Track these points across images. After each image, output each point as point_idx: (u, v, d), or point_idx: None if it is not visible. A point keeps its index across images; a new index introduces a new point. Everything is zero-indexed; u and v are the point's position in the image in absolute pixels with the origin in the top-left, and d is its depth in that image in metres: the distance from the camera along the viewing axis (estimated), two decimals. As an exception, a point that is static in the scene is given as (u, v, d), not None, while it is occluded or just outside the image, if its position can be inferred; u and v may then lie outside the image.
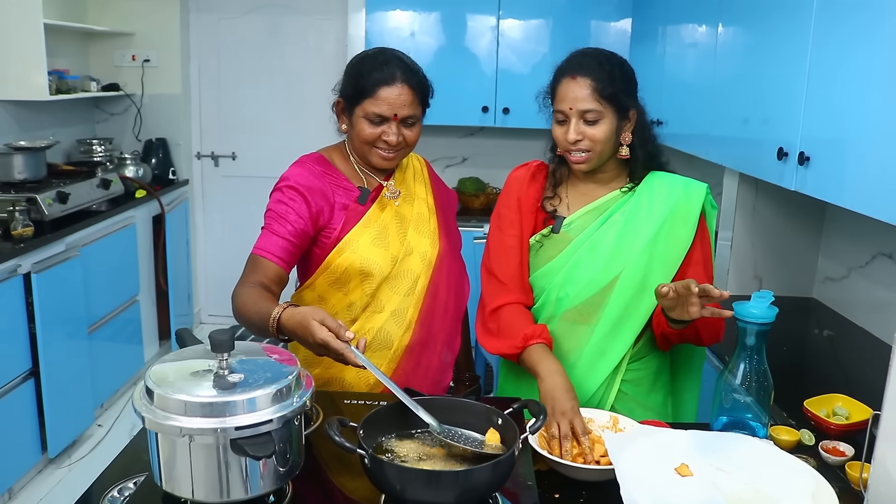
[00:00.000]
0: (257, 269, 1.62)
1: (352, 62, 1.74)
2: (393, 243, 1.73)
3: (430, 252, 1.79)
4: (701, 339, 1.65)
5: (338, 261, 1.69)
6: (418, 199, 1.82)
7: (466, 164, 4.81)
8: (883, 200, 1.65)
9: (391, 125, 1.67)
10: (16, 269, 2.91)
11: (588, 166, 1.66)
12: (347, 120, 1.73)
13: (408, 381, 1.77)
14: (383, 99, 1.65)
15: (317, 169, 1.72)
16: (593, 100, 1.59)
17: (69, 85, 4.01)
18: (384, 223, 1.73)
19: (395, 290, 1.74)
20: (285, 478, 1.17)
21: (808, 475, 1.27)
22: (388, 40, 4.28)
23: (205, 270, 5.00)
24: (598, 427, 1.53)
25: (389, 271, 1.72)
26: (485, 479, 1.15)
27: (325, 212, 1.69)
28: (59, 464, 3.27)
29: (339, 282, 1.71)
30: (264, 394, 1.09)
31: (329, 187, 1.71)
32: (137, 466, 1.34)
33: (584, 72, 1.61)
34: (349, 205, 1.71)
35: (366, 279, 1.70)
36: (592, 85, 1.60)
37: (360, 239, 1.70)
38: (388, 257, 1.72)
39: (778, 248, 2.81)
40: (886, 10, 1.65)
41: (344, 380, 1.76)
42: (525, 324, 1.67)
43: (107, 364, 3.67)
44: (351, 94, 1.69)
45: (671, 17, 3.46)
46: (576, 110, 1.61)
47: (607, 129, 1.61)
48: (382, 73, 1.66)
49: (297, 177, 1.69)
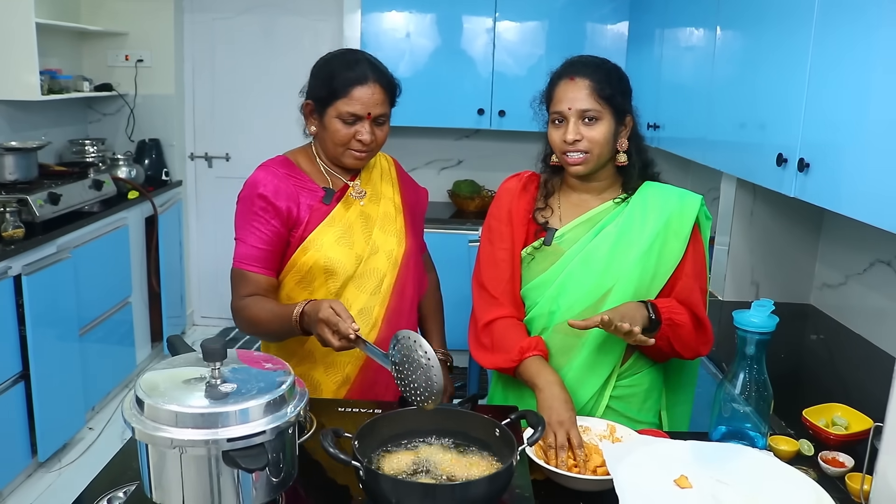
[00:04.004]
0: (248, 282, 1.70)
1: (319, 64, 1.75)
2: (357, 242, 1.74)
3: (397, 251, 1.79)
4: (680, 355, 1.65)
5: (303, 259, 1.70)
6: (385, 199, 1.83)
7: (462, 167, 4.79)
8: (882, 208, 1.64)
9: (364, 124, 1.69)
10: (6, 272, 2.88)
11: (585, 168, 1.63)
12: (318, 121, 1.73)
13: (375, 380, 1.78)
14: (357, 98, 1.67)
15: (280, 171, 1.73)
16: (592, 99, 1.59)
17: (61, 85, 3.97)
18: (349, 222, 1.74)
19: (362, 289, 1.75)
20: (278, 489, 1.15)
21: (808, 487, 1.26)
22: (383, 42, 4.26)
23: (198, 272, 4.97)
24: (596, 436, 1.52)
25: (354, 270, 1.73)
26: (481, 491, 1.13)
27: (294, 212, 1.70)
28: (48, 468, 3.24)
29: (305, 280, 1.72)
30: (257, 404, 1.07)
31: (294, 189, 1.72)
32: (127, 475, 1.32)
33: (583, 73, 1.61)
34: (314, 205, 1.72)
35: (330, 277, 1.71)
36: (591, 85, 1.60)
37: (324, 238, 1.70)
38: (352, 256, 1.72)
39: (775, 254, 2.80)
40: (886, 16, 1.64)
41: (313, 377, 1.78)
42: (520, 337, 1.66)
43: (98, 366, 3.64)
44: (322, 95, 1.70)
45: (669, 20, 3.45)
46: (575, 110, 1.60)
47: (606, 131, 1.60)
48: (355, 72, 1.68)
49: (263, 181, 1.70)
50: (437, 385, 1.28)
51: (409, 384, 1.34)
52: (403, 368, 1.35)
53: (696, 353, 1.67)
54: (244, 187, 1.73)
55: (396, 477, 1.19)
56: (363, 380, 1.78)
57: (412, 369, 1.33)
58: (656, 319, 1.54)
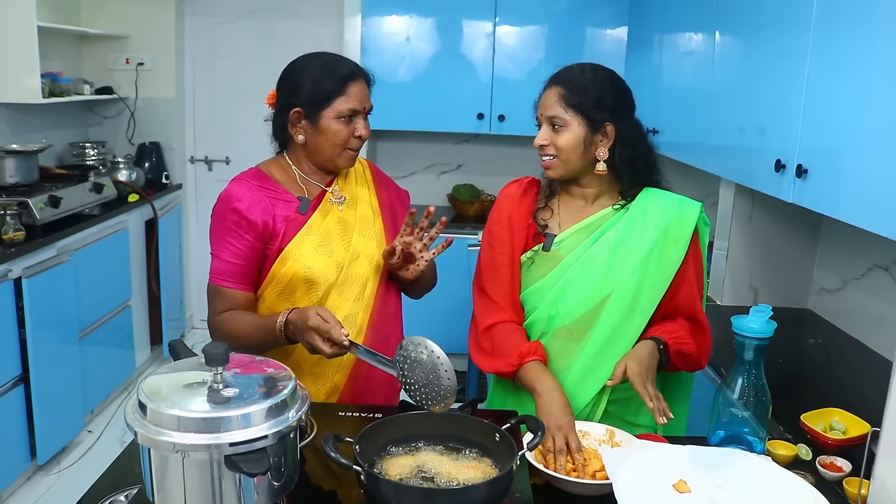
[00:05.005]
0: (223, 298, 1.69)
1: (297, 70, 1.72)
2: (337, 250, 1.72)
3: (377, 254, 1.77)
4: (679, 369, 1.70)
5: (282, 270, 1.68)
6: (361, 202, 1.81)
7: (461, 171, 4.80)
8: (880, 214, 1.65)
9: (360, 119, 1.70)
10: (6, 274, 2.88)
11: (554, 173, 1.67)
12: (308, 128, 1.70)
13: (365, 387, 1.77)
14: (354, 94, 1.68)
15: (253, 184, 1.71)
16: (559, 107, 1.63)
17: (62, 88, 3.98)
18: (326, 230, 1.72)
19: (345, 297, 1.73)
20: (280, 493, 1.15)
21: (806, 492, 1.26)
22: (383, 46, 4.27)
23: (197, 275, 4.97)
24: (595, 440, 1.52)
25: (336, 278, 1.71)
26: (481, 496, 1.14)
27: (269, 225, 1.68)
28: (48, 471, 3.24)
29: (286, 292, 1.70)
30: (259, 409, 1.08)
31: (268, 200, 1.69)
32: (129, 478, 1.32)
33: (558, 81, 1.66)
34: (289, 215, 1.70)
35: (311, 287, 1.69)
36: (560, 93, 1.64)
37: (303, 247, 1.68)
38: (331, 264, 1.70)
39: (774, 259, 2.80)
40: (885, 22, 1.65)
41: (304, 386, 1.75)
42: (520, 341, 1.66)
43: (98, 369, 3.64)
44: (315, 98, 1.67)
45: (668, 24, 3.46)
46: (545, 116, 1.65)
47: (571, 139, 1.62)
48: (344, 69, 1.69)
49: (236, 195, 1.68)
50: (450, 385, 1.28)
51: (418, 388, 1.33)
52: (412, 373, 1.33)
53: (698, 368, 1.73)
54: (217, 201, 1.70)
55: (397, 481, 1.20)
56: (352, 388, 1.77)
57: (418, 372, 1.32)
58: (665, 361, 1.61)
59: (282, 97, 1.73)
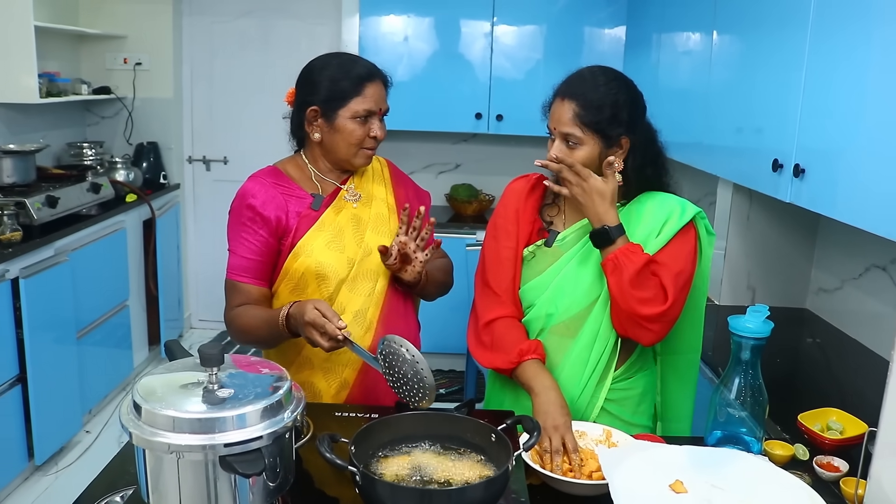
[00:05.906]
0: (239, 293, 1.72)
1: (315, 69, 1.74)
2: (349, 246, 1.74)
3: None
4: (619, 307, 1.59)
5: (294, 266, 1.71)
6: (377, 200, 1.83)
7: (459, 171, 4.79)
8: (878, 214, 1.65)
9: (376, 120, 1.72)
10: (4, 275, 2.88)
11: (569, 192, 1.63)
12: (324, 126, 1.73)
13: (375, 383, 1.78)
14: (370, 95, 1.70)
15: (268, 181, 1.75)
16: (574, 125, 1.60)
17: (60, 88, 3.97)
18: (339, 226, 1.75)
19: (356, 292, 1.75)
20: (275, 494, 1.15)
21: (803, 492, 1.26)
22: (381, 45, 4.27)
23: (195, 275, 4.97)
24: (591, 440, 1.52)
25: (347, 274, 1.73)
26: (477, 496, 1.13)
27: (283, 221, 1.71)
28: (45, 471, 3.23)
29: (298, 287, 1.73)
30: (254, 409, 1.07)
31: (282, 197, 1.73)
32: (125, 479, 1.32)
33: (572, 95, 1.61)
34: (302, 211, 1.73)
35: (322, 282, 1.72)
36: (575, 110, 1.59)
37: (315, 243, 1.71)
38: (343, 260, 1.73)
39: (771, 258, 2.81)
40: (882, 21, 1.65)
41: (313, 384, 1.77)
42: (519, 339, 1.67)
43: (95, 370, 3.64)
44: (333, 97, 1.70)
45: (666, 24, 3.46)
46: (558, 132, 1.62)
47: (585, 156, 1.61)
48: (361, 70, 1.71)
49: (251, 191, 1.72)
50: (428, 382, 1.30)
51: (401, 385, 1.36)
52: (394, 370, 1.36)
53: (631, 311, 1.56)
54: (235, 198, 1.75)
55: (393, 482, 1.19)
56: (362, 383, 1.78)
57: (402, 370, 1.34)
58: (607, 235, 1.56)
59: (300, 95, 1.76)
